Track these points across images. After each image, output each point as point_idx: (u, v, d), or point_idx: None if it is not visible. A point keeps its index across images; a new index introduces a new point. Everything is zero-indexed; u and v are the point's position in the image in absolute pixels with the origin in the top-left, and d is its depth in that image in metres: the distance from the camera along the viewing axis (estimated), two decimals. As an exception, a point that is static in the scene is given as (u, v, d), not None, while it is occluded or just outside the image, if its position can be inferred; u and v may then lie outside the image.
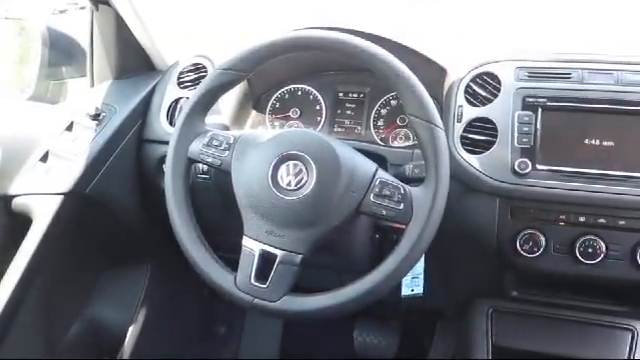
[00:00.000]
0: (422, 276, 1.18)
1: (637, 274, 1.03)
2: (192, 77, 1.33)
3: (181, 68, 1.35)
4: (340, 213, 0.94)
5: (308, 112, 1.38)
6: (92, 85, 1.42)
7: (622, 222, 1.03)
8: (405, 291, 1.19)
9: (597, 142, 1.04)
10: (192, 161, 1.03)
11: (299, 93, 1.40)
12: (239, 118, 1.34)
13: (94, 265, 1.42)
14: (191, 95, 1.04)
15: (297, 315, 0.95)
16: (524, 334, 1.20)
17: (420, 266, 1.18)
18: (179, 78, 1.34)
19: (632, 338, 1.15)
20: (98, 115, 1.28)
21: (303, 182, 0.94)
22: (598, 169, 1.03)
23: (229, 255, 1.00)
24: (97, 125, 1.27)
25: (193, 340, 1.73)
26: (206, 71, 1.31)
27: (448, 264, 1.22)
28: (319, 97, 1.38)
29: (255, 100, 1.40)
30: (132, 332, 1.45)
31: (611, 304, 1.15)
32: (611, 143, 1.04)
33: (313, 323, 1.68)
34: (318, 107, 1.38)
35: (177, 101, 1.31)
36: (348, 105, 1.37)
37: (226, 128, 1.26)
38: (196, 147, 1.02)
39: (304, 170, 0.95)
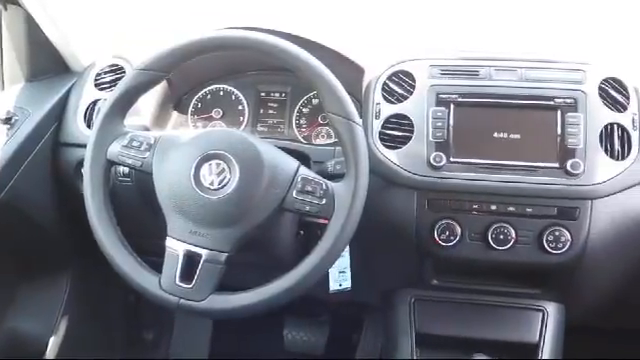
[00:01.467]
0: (349, 270, 1.22)
1: (544, 257, 1.10)
2: (110, 78, 1.30)
3: (98, 69, 1.32)
4: (264, 210, 0.96)
5: (231, 112, 1.38)
6: (2, 88, 1.36)
7: (529, 209, 1.09)
8: (333, 286, 1.21)
9: (505, 135, 1.10)
10: (111, 163, 1.02)
11: (221, 93, 1.40)
12: (160, 119, 1.33)
13: (12, 274, 1.36)
14: (109, 96, 1.02)
15: (224, 313, 0.96)
16: (444, 320, 1.25)
17: (346, 260, 1.21)
18: (96, 79, 1.31)
19: (542, 318, 1.22)
20: (10, 119, 1.23)
21: (226, 181, 0.95)
22: (506, 160, 1.09)
23: (154, 258, 0.99)
24: (9, 129, 1.22)
25: (120, 347, 1.69)
26: (124, 72, 1.29)
27: (371, 256, 1.25)
28: (241, 97, 1.39)
29: (176, 101, 1.39)
30: (54, 342, 1.40)
31: (523, 287, 1.22)
32: (517, 136, 1.10)
33: (242, 323, 1.69)
34: (240, 107, 1.39)
35: (95, 103, 1.28)
36: (270, 105, 1.39)
37: (146, 129, 1.25)
38: (115, 149, 1.00)
39: (227, 169, 0.96)
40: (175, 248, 0.95)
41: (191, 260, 0.95)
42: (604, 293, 1.27)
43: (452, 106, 1.12)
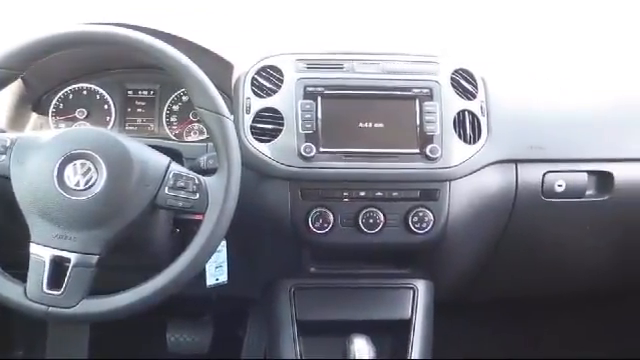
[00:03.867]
0: (225, 264, 1.22)
1: (410, 237, 1.17)
2: (-45, 78, 1.20)
3: None
4: (135, 209, 0.94)
5: (96, 112, 1.34)
6: None
7: (395, 193, 1.16)
8: (210, 281, 1.21)
9: (370, 124, 1.16)
10: None
11: (84, 92, 1.34)
12: (17, 121, 1.25)
13: None
14: None
15: (97, 317, 0.93)
16: (324, 306, 1.29)
17: (223, 255, 1.21)
18: None
19: (413, 295, 1.30)
20: None
21: (93, 181, 0.92)
22: (372, 148, 1.15)
23: (24, 272, 0.94)
24: None
25: None
26: None
27: (249, 249, 1.26)
28: (106, 96, 1.34)
29: (35, 101, 1.32)
30: None
31: (394, 268, 1.29)
32: (381, 125, 1.16)
33: (122, 330, 1.63)
34: (106, 106, 1.34)
35: (-61, 106, 1.18)
36: (138, 103, 1.36)
37: (2, 132, 1.17)
38: None
39: (93, 168, 0.93)
40: (40, 254, 0.91)
41: (59, 266, 0.91)
42: (467, 268, 1.37)
43: (319, 98, 1.16)
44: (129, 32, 0.97)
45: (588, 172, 1.25)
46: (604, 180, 1.26)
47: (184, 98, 1.35)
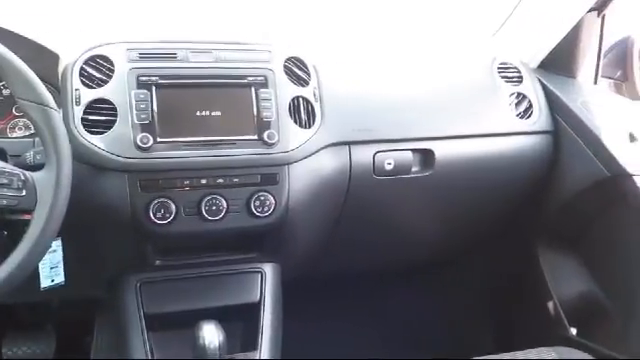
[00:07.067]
0: (61, 264, 1.16)
1: (253, 222, 1.20)
2: None
3: None
4: None
5: None
6: None
7: (236, 179, 1.18)
8: (45, 282, 1.15)
9: (207, 113, 1.17)
10: None
11: None
12: None
13: None
14: None
15: None
16: (173, 298, 1.28)
17: (58, 255, 1.15)
18: None
19: (261, 279, 1.33)
20: None
21: None
22: (210, 136, 1.16)
23: None
24: None
25: None
26: None
27: (88, 246, 1.22)
28: None
29: None
30: None
31: (240, 253, 1.31)
32: (218, 113, 1.17)
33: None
34: None
35: None
36: None
37: None
38: None
39: None
40: None
41: None
42: (311, 248, 1.44)
43: (154, 88, 1.14)
44: None
45: (412, 150, 1.37)
46: (426, 157, 1.39)
47: (5, 92, 1.26)
